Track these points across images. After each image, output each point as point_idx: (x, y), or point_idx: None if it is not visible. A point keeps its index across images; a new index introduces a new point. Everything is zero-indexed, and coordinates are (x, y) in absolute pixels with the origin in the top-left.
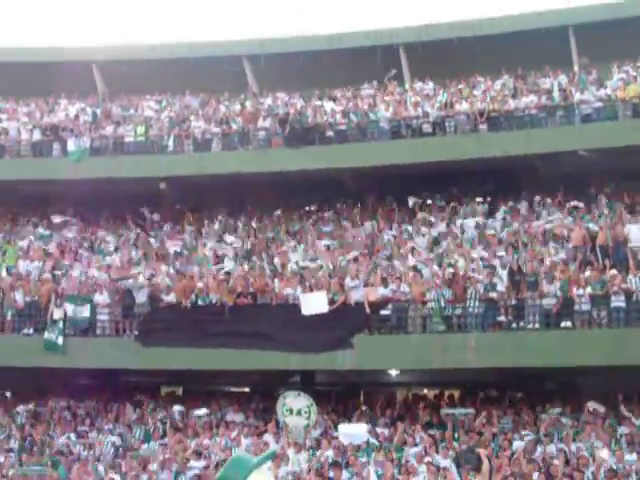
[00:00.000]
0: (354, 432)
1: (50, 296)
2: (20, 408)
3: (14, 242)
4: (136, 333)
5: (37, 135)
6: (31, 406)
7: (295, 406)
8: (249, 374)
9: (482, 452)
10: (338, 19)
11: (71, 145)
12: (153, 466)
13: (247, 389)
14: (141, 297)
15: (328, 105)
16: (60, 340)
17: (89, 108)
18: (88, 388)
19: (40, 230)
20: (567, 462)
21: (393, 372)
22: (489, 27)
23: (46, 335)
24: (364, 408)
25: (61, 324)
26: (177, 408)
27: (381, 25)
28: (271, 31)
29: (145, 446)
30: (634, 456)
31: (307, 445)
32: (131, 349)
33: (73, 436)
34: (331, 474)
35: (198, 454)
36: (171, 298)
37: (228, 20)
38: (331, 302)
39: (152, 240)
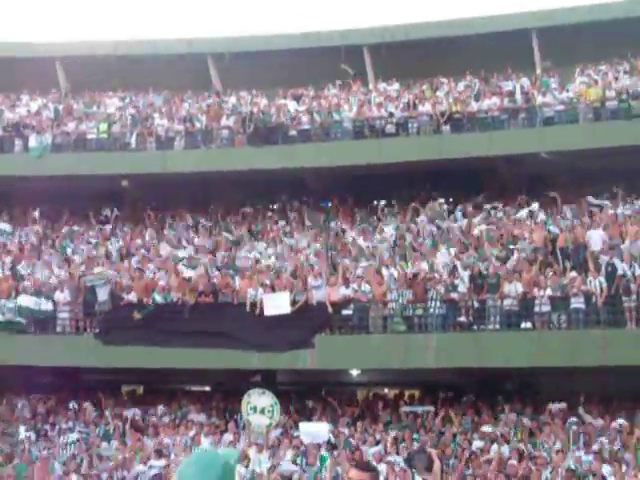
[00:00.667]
0: (315, 431)
1: (10, 293)
2: None
3: None
4: (96, 331)
5: None
6: None
7: (259, 404)
8: (210, 373)
9: (433, 452)
10: (303, 19)
11: (33, 141)
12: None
13: (208, 388)
14: (102, 295)
15: (292, 104)
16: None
17: (51, 104)
18: (48, 386)
19: (1, 226)
20: (525, 462)
21: (354, 372)
22: (453, 29)
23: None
24: (325, 407)
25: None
26: (137, 410)
27: (346, 25)
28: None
29: (105, 445)
30: (591, 456)
31: (268, 445)
32: (91, 347)
33: (32, 434)
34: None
35: (158, 453)
36: (132, 296)
37: (193, 18)
38: (293, 302)
39: (114, 238)
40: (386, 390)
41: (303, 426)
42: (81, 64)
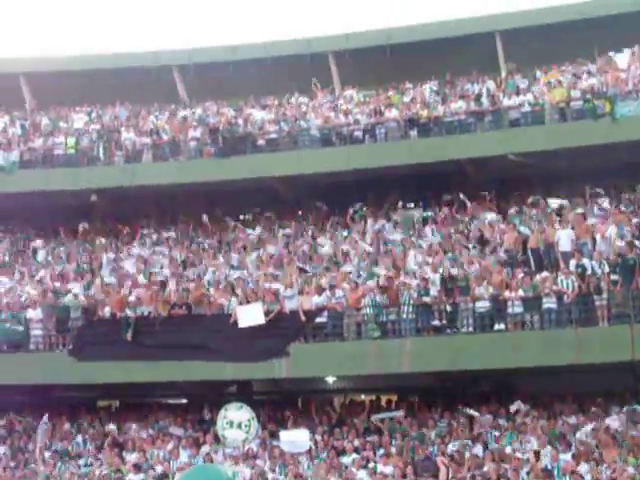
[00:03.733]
0: (296, 440)
1: None
2: None
3: None
4: (70, 347)
5: None
6: None
7: (236, 419)
8: (186, 385)
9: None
10: (268, 27)
11: (0, 159)
12: None
13: (184, 400)
14: (75, 312)
15: (259, 114)
16: None
17: (18, 120)
18: (23, 404)
19: None
20: (501, 462)
21: (330, 379)
22: (417, 33)
23: None
24: (302, 416)
25: None
26: (112, 427)
27: (311, 33)
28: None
29: (81, 461)
30: (568, 455)
31: (245, 456)
32: (65, 364)
33: (9, 452)
34: None
35: (137, 468)
36: (106, 311)
37: (157, 29)
38: (267, 312)
39: (84, 253)
40: (363, 396)
41: (284, 435)
42: (46, 79)
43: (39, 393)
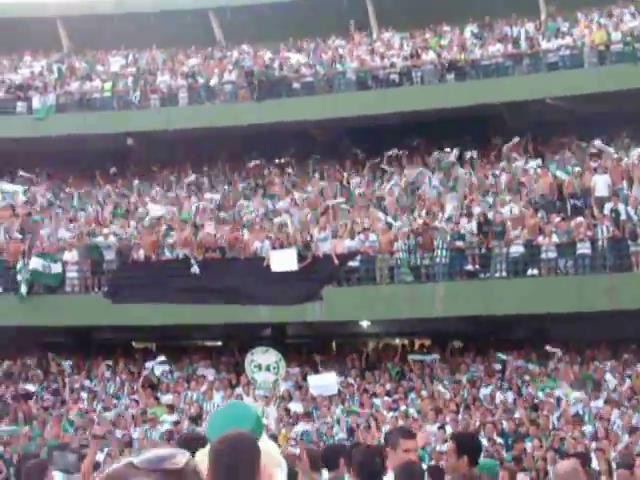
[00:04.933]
0: (324, 383)
1: (18, 256)
2: None
3: None
4: (105, 290)
5: (1, 93)
6: (4, 365)
7: (264, 362)
8: (221, 328)
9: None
10: None
11: (36, 102)
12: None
13: (219, 343)
14: (109, 254)
15: (295, 57)
16: (24, 289)
17: (54, 64)
18: (60, 345)
19: (8, 189)
20: (534, 408)
21: (364, 323)
22: None
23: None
24: (334, 359)
25: (28, 275)
26: (149, 364)
27: None
28: None
29: (116, 402)
30: (600, 402)
31: (276, 398)
32: (101, 306)
33: (46, 393)
34: (301, 425)
35: (171, 408)
36: (140, 254)
37: None
38: (300, 257)
39: (121, 196)
40: (397, 340)
41: (312, 379)
42: (83, 23)
43: (75, 334)
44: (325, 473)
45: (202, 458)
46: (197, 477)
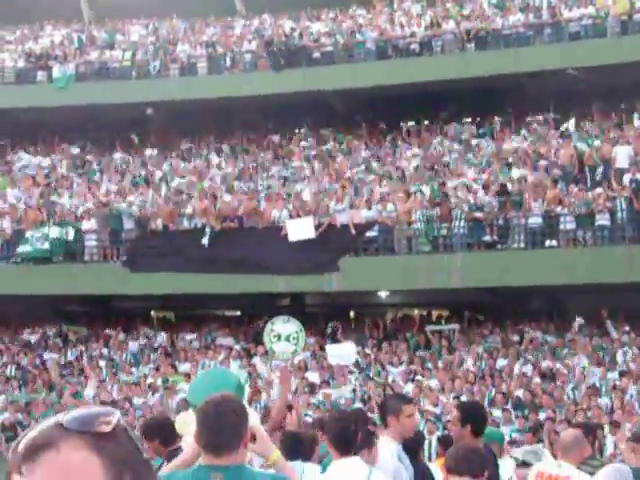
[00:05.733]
0: (342, 353)
1: (38, 223)
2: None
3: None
4: (124, 259)
5: (21, 62)
6: (24, 334)
7: (284, 332)
8: (239, 298)
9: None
10: None
11: (56, 72)
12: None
13: (238, 312)
14: (128, 223)
15: (314, 26)
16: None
17: (74, 34)
18: (78, 314)
19: (27, 158)
20: (550, 379)
21: (383, 293)
22: None
23: (21, 249)
24: (353, 329)
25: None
26: (166, 334)
27: None
28: None
29: (134, 370)
30: (616, 374)
31: (294, 368)
32: (120, 275)
33: (63, 361)
34: (319, 395)
35: (188, 377)
36: (158, 223)
37: None
38: (317, 226)
39: (140, 166)
40: (416, 311)
41: (330, 348)
42: None
43: (94, 303)
44: None
45: (180, 422)
46: (128, 436)
